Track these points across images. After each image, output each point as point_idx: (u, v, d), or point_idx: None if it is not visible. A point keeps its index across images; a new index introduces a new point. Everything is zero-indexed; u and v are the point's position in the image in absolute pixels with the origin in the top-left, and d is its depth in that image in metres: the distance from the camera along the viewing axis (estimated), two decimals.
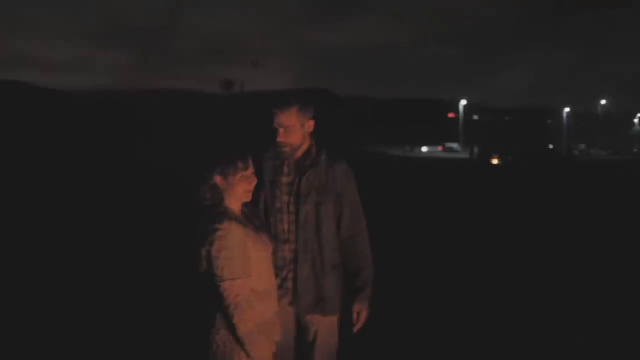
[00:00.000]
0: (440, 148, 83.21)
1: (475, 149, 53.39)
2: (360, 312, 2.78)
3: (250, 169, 2.41)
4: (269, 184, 2.77)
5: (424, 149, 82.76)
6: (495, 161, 42.86)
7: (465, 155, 63.31)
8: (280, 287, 2.68)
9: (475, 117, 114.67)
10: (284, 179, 2.76)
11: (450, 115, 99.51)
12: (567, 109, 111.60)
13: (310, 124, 2.78)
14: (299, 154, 2.77)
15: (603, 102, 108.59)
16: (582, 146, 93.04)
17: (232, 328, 2.26)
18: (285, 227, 2.73)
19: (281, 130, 2.70)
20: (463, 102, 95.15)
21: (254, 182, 2.45)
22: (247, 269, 2.29)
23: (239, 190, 2.39)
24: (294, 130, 2.71)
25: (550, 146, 69.31)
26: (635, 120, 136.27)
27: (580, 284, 6.47)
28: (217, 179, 2.36)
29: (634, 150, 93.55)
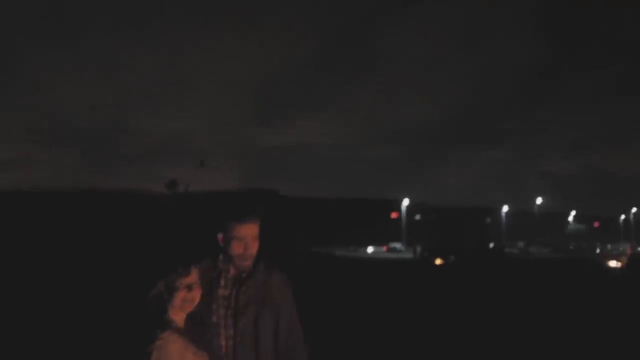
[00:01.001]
0: (384, 248, 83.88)
1: (418, 249, 54.06)
2: None
3: (193, 277, 2.33)
4: (204, 297, 2.56)
5: (370, 249, 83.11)
6: (438, 261, 43.50)
7: (409, 255, 63.91)
8: None
9: (417, 216, 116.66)
10: (221, 292, 2.61)
11: (394, 215, 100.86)
12: (505, 208, 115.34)
13: None
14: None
15: (539, 201, 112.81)
16: (521, 244, 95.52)
17: None
18: (222, 342, 2.55)
19: (246, 242, 2.55)
20: (406, 201, 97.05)
21: (198, 292, 2.36)
22: None
23: (180, 300, 2.30)
24: (256, 240, 2.61)
25: (491, 245, 71.11)
26: (570, 219, 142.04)
27: None
28: (161, 287, 2.29)
29: (570, 247, 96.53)
